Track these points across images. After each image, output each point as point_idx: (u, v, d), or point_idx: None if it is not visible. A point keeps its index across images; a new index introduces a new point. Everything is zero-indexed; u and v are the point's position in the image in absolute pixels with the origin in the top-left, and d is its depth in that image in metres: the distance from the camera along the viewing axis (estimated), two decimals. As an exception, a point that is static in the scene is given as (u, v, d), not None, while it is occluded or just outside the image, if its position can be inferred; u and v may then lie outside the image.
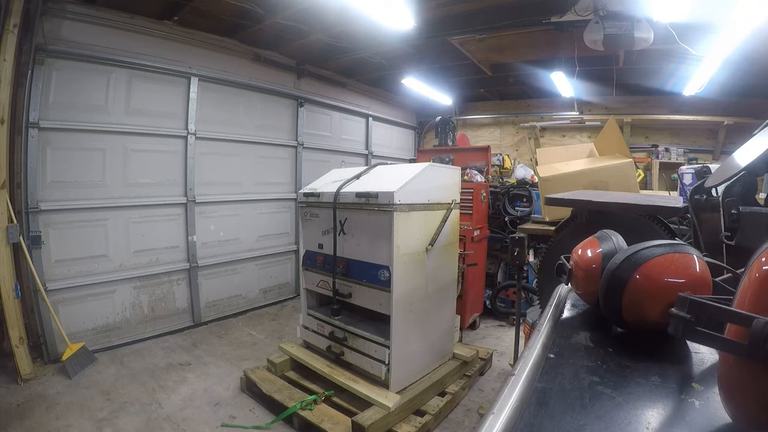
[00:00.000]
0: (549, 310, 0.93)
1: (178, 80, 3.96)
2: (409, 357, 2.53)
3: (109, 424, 2.42)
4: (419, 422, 2.36)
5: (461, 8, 3.69)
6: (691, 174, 3.37)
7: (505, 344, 3.81)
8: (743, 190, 1.10)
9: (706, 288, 0.71)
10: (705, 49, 3.55)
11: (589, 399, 0.57)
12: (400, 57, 4.93)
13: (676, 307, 0.51)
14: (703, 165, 1.56)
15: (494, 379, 3.18)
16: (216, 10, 3.65)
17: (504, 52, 4.60)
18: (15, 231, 2.85)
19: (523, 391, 0.57)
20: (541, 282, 1.99)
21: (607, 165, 3.44)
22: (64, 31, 3.18)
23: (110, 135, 3.50)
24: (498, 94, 6.89)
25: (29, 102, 3.02)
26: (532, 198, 4.68)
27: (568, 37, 3.67)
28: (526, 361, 0.66)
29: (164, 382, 2.95)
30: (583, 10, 3.20)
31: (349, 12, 3.26)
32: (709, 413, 0.53)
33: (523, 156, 6.65)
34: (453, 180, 2.86)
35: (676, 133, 5.67)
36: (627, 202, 1.64)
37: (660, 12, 2.93)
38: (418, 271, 2.54)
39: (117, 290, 3.60)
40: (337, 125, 5.91)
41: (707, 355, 0.70)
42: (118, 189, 3.57)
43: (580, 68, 4.36)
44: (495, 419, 0.51)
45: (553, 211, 3.72)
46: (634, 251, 0.75)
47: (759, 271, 0.44)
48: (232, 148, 4.46)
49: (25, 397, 2.64)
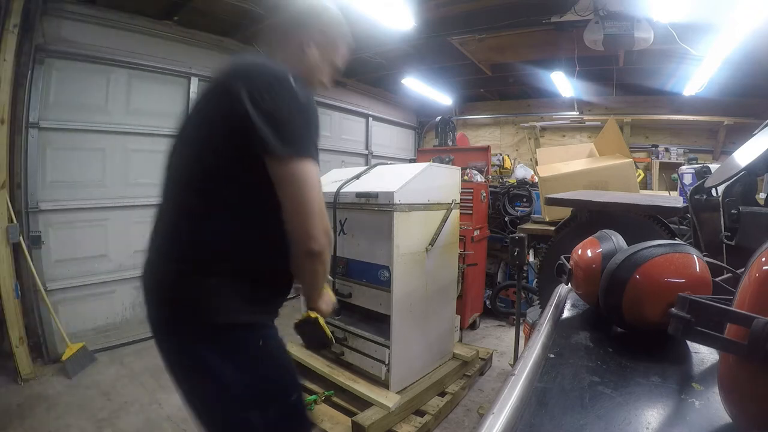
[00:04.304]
0: (549, 310, 0.93)
1: (178, 80, 3.96)
2: (409, 357, 2.53)
3: (109, 424, 2.42)
4: (419, 422, 2.36)
5: (461, 8, 3.69)
6: (691, 174, 3.37)
7: (505, 344, 3.81)
8: (743, 190, 1.10)
9: (706, 288, 0.71)
10: (705, 49, 3.55)
11: (589, 399, 0.57)
12: (400, 57, 4.93)
13: (676, 307, 0.51)
14: (703, 165, 1.56)
15: (494, 379, 3.18)
16: (216, 10, 3.65)
17: (504, 52, 4.60)
18: (15, 231, 2.85)
19: (523, 391, 0.57)
20: (541, 282, 1.99)
21: (607, 165, 3.44)
22: (64, 31, 3.18)
23: (110, 135, 3.49)
24: (498, 94, 6.89)
25: (29, 102, 3.02)
26: (532, 198, 4.68)
27: (568, 37, 3.67)
28: (526, 361, 0.66)
29: (164, 382, 2.95)
30: (583, 10, 3.20)
31: (350, 12, 3.26)
32: (709, 413, 0.53)
33: (523, 156, 6.65)
34: (453, 180, 2.86)
35: (676, 133, 5.67)
36: (627, 202, 1.64)
37: (660, 12, 2.93)
38: (418, 271, 2.54)
39: (117, 290, 3.60)
40: (337, 125, 5.90)
41: (707, 355, 0.70)
42: (118, 189, 3.57)
43: (580, 68, 4.35)
44: (495, 419, 0.51)
45: (553, 211, 3.72)
46: (634, 251, 0.75)
47: (759, 271, 0.44)
48: (232, 148, 4.45)
49: (25, 397, 2.64)
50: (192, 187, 1.01)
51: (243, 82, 0.94)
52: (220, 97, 0.99)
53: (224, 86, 0.97)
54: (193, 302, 0.97)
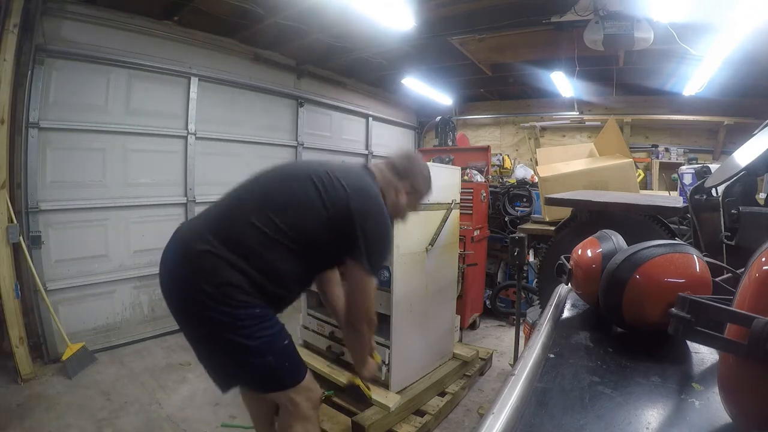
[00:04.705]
0: (549, 310, 0.93)
1: (178, 80, 3.96)
2: (409, 357, 2.53)
3: (109, 424, 2.42)
4: (419, 422, 2.36)
5: (461, 8, 3.68)
6: (691, 174, 3.37)
7: (505, 344, 3.81)
8: (743, 190, 1.10)
9: (706, 288, 0.71)
10: (705, 49, 3.55)
11: (589, 399, 0.57)
12: (401, 57, 4.93)
13: (676, 307, 0.52)
14: (703, 165, 1.56)
15: (494, 379, 3.18)
16: (216, 10, 3.65)
17: (504, 52, 4.60)
18: (15, 231, 2.85)
19: (523, 391, 0.57)
20: (541, 282, 1.99)
21: (607, 165, 3.45)
22: (64, 31, 3.18)
23: (110, 135, 3.49)
24: (498, 94, 6.88)
25: (29, 102, 3.02)
26: (532, 198, 4.68)
27: (568, 37, 3.67)
28: (526, 361, 0.66)
29: (164, 382, 2.95)
30: (583, 10, 3.20)
31: (350, 12, 3.26)
32: (709, 413, 0.53)
33: (523, 156, 6.65)
34: (453, 180, 2.86)
35: (676, 133, 5.67)
36: (627, 202, 1.64)
37: (660, 12, 2.92)
38: (418, 271, 2.54)
39: (117, 290, 3.60)
40: (337, 125, 5.90)
41: (707, 355, 0.70)
42: (118, 189, 3.57)
43: (580, 68, 4.35)
44: (495, 419, 0.51)
45: (553, 211, 3.72)
46: (634, 251, 0.75)
47: (759, 271, 0.44)
48: (232, 148, 4.46)
49: (25, 397, 2.64)
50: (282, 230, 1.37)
51: (361, 217, 1.41)
52: (343, 211, 1.40)
53: (347, 205, 1.40)
54: (232, 287, 1.31)
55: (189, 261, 1.34)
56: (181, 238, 1.41)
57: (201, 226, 1.41)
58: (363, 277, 1.44)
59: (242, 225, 1.37)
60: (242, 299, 1.31)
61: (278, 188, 1.48)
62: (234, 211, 1.42)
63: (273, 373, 1.39)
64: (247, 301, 1.32)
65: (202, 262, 1.31)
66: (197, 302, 1.31)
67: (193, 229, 1.43)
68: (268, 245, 1.36)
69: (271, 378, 1.41)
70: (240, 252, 1.33)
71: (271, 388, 1.45)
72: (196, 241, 1.35)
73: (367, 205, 1.44)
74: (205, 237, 1.34)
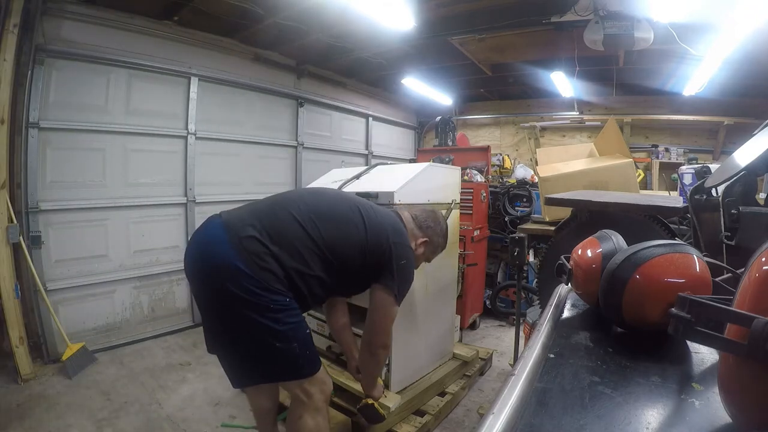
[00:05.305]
0: (549, 310, 0.93)
1: (178, 80, 3.96)
2: (409, 357, 2.53)
3: (109, 424, 2.42)
4: (419, 422, 2.36)
5: (461, 8, 3.68)
6: (691, 174, 3.37)
7: (505, 344, 3.81)
8: (743, 190, 1.10)
9: (706, 288, 0.71)
10: (705, 49, 3.55)
11: (589, 399, 0.57)
12: (401, 57, 4.93)
13: (676, 307, 0.52)
14: (703, 165, 1.56)
15: (494, 379, 3.18)
16: (216, 10, 3.65)
17: (504, 52, 4.60)
18: (15, 231, 2.85)
19: (523, 391, 0.57)
20: (541, 282, 1.99)
21: (607, 165, 3.44)
22: (64, 31, 3.18)
23: (110, 135, 3.49)
24: (498, 94, 6.88)
25: (29, 102, 3.02)
26: (532, 198, 4.68)
27: (568, 37, 3.67)
28: (526, 361, 0.66)
29: (164, 382, 2.95)
30: (583, 10, 3.20)
31: (350, 12, 3.26)
32: (709, 413, 0.53)
33: (523, 156, 6.65)
34: (453, 180, 2.86)
35: (676, 133, 5.67)
36: (627, 202, 1.64)
37: (660, 12, 2.92)
38: (418, 271, 2.52)
39: (117, 290, 3.60)
40: (337, 125, 5.90)
41: (707, 355, 0.70)
42: (118, 189, 3.57)
43: (580, 68, 4.35)
44: (495, 419, 0.51)
45: (553, 211, 3.72)
46: (634, 251, 0.75)
47: (759, 271, 0.44)
48: (232, 148, 4.46)
49: (25, 397, 2.64)
50: (323, 238, 1.52)
51: (398, 255, 1.65)
52: (384, 244, 1.63)
53: (387, 241, 1.64)
54: (271, 273, 1.41)
55: (236, 243, 1.41)
56: (226, 222, 1.48)
57: (246, 216, 1.51)
58: (392, 303, 1.66)
59: (287, 222, 1.50)
60: (277, 287, 1.41)
61: (328, 202, 1.65)
62: (281, 209, 1.55)
63: (295, 361, 1.46)
64: (280, 289, 1.42)
65: (249, 246, 1.41)
66: (235, 281, 1.36)
67: (240, 216, 1.52)
68: (307, 246, 1.49)
69: (293, 365, 1.48)
70: (282, 245, 1.44)
71: (290, 376, 1.51)
72: (244, 227, 1.45)
73: (404, 246, 1.71)
74: (252, 224, 1.45)
